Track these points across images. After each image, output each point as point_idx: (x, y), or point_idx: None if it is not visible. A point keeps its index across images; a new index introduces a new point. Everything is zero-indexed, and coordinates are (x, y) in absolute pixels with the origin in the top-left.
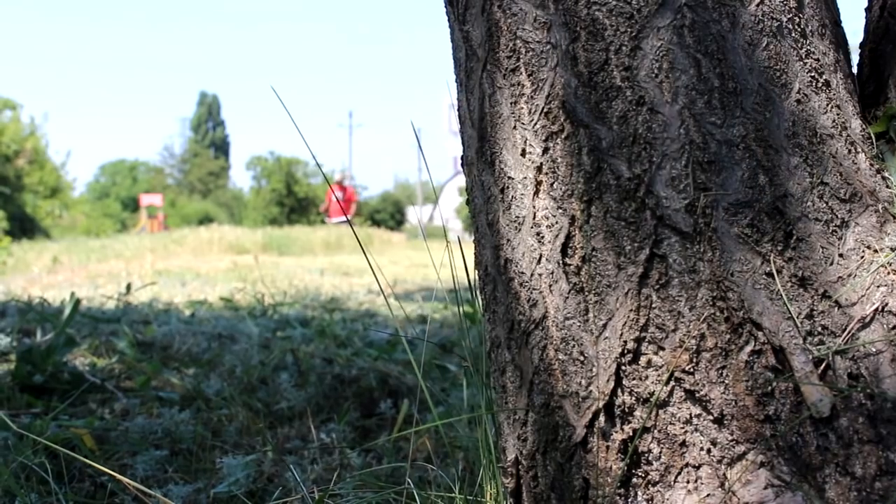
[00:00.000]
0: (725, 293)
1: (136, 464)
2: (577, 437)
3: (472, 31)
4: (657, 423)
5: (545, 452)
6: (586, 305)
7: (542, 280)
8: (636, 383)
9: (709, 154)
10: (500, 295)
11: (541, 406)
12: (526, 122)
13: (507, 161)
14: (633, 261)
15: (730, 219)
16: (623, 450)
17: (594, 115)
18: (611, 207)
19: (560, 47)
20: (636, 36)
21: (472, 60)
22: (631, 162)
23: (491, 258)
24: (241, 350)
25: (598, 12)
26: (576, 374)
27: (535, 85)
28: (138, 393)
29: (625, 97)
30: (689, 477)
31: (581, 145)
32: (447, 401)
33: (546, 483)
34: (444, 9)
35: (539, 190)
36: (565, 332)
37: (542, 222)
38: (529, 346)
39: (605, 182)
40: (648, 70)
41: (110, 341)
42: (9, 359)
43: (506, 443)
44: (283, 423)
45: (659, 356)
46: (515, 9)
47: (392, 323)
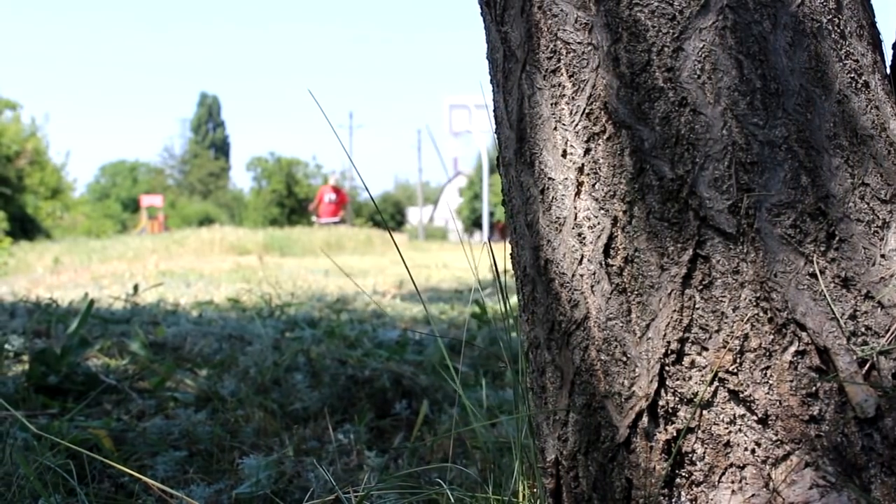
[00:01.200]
0: (769, 294)
1: (156, 465)
2: (619, 438)
3: (511, 33)
4: (701, 424)
5: (587, 453)
6: (629, 306)
7: (584, 281)
8: (680, 384)
9: (751, 155)
10: (539, 296)
11: (582, 406)
12: (567, 123)
13: (548, 162)
14: (676, 261)
15: (773, 220)
16: (666, 450)
17: (636, 116)
18: (654, 208)
19: (601, 48)
20: (678, 37)
21: (510, 62)
22: (674, 163)
23: (530, 259)
24: (255, 351)
25: (640, 13)
26: (618, 374)
27: (576, 86)
28: (153, 394)
29: (667, 98)
30: (733, 477)
31: (623, 146)
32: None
33: (587, 483)
34: (480, 10)
35: (580, 191)
36: (607, 332)
37: (584, 223)
38: (570, 346)
39: (648, 183)
40: (691, 71)
41: (122, 342)
42: (22, 359)
43: (545, 443)
44: (298, 423)
45: (702, 357)
46: (556, 10)
47: (399, 323)
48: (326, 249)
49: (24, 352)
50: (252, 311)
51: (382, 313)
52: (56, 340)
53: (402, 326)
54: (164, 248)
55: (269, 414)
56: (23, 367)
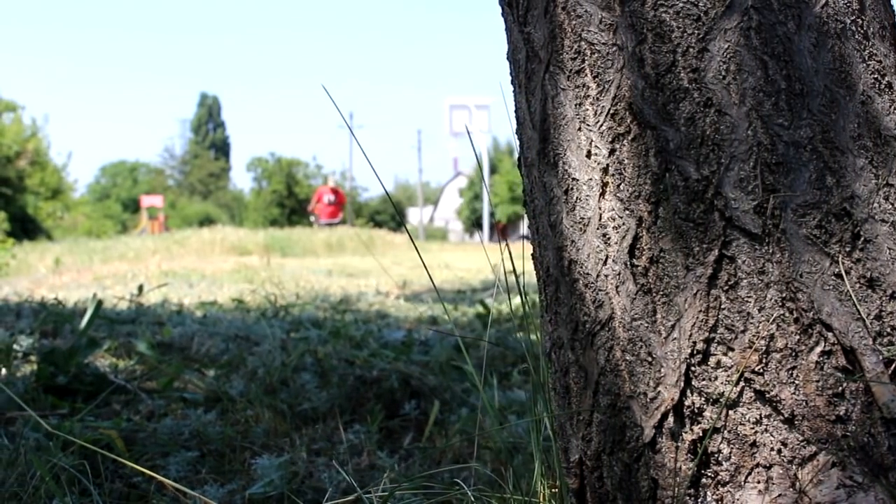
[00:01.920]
0: (795, 294)
1: (168, 465)
2: (645, 438)
3: (534, 34)
4: (727, 424)
5: (611, 453)
6: (654, 306)
7: (609, 281)
8: (706, 384)
9: (776, 155)
10: (563, 296)
11: (607, 407)
12: (591, 123)
13: (572, 162)
14: (701, 262)
15: (798, 220)
16: (693, 450)
17: (661, 117)
18: (679, 209)
19: (626, 49)
20: (703, 38)
21: (533, 62)
22: (699, 163)
23: (553, 259)
24: (263, 351)
25: (665, 14)
26: (643, 374)
27: (600, 87)
28: (161, 394)
29: (692, 99)
30: (759, 477)
31: (648, 147)
32: (467, 401)
33: (612, 483)
34: (501, 11)
35: (605, 191)
36: (632, 332)
37: (609, 223)
38: (595, 346)
39: (673, 183)
40: (716, 72)
41: (129, 342)
42: (30, 360)
43: (568, 443)
44: (307, 424)
45: (728, 357)
46: (580, 11)
47: (403, 324)
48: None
49: (33, 352)
50: (256, 311)
51: (386, 313)
52: (64, 341)
53: (406, 327)
54: (166, 248)
55: (279, 414)
56: (31, 368)
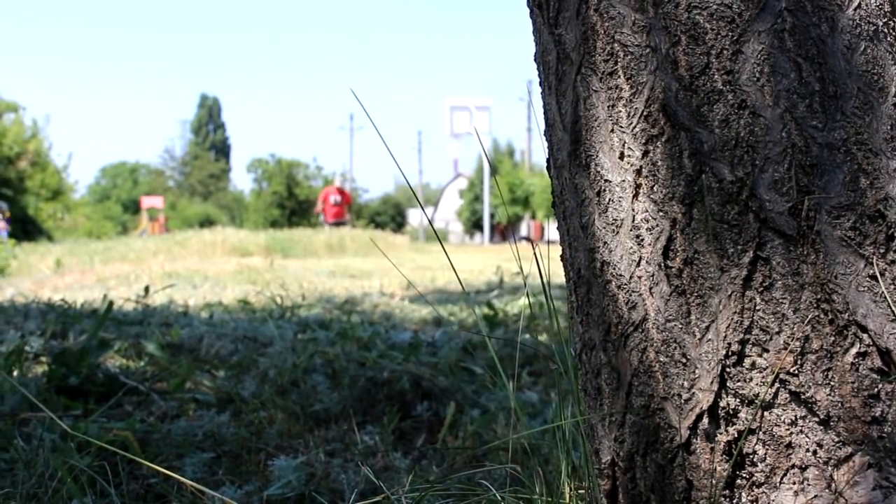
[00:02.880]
0: (830, 296)
1: (184, 466)
2: (679, 439)
3: (566, 35)
4: (762, 425)
5: (645, 454)
6: (688, 308)
7: (642, 282)
8: (741, 385)
9: (811, 157)
10: (594, 297)
11: (640, 408)
12: (624, 125)
13: (604, 164)
14: (736, 263)
15: (832, 222)
16: (728, 451)
17: (695, 119)
18: (713, 210)
19: (660, 51)
20: (737, 40)
21: (564, 64)
22: (733, 165)
23: (585, 261)
24: (274, 352)
25: (698, 16)
26: (677, 376)
27: (633, 88)
28: (173, 395)
29: (726, 101)
30: (795, 478)
31: (682, 148)
32: (478, 402)
33: (645, 484)
34: (529, 12)
35: (638, 193)
36: (666, 334)
37: (642, 225)
38: (628, 348)
39: (708, 185)
40: (750, 74)
41: (139, 343)
42: (40, 361)
43: (599, 444)
44: (320, 425)
45: (763, 358)
46: (613, 12)
47: (408, 325)
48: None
49: (43, 353)
50: (262, 312)
51: (391, 315)
52: (74, 342)
53: (412, 328)
54: (167, 249)
55: (291, 415)
56: (42, 369)
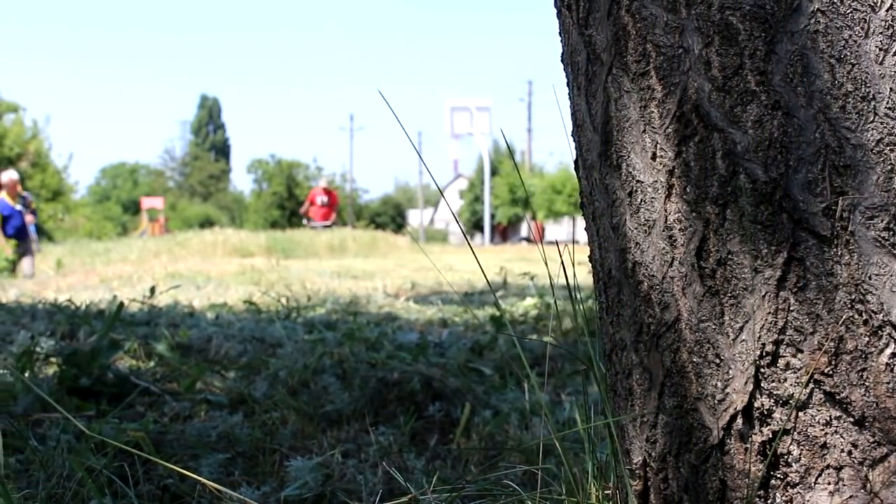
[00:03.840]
0: (864, 296)
1: (200, 467)
2: (713, 440)
3: (596, 36)
4: (797, 425)
5: (678, 455)
6: (722, 308)
7: (675, 283)
8: (775, 385)
9: (844, 158)
10: (626, 298)
11: (673, 408)
12: (657, 125)
13: (636, 165)
14: (770, 264)
15: (866, 222)
16: (762, 452)
17: (729, 119)
18: (746, 211)
19: (692, 51)
20: (770, 40)
21: (594, 64)
22: (767, 165)
23: (616, 261)
24: (286, 353)
25: (731, 17)
26: (711, 376)
27: (666, 89)
28: (184, 396)
29: (760, 101)
30: (830, 479)
31: (715, 149)
32: (489, 403)
33: (678, 485)
34: (556, 13)
35: (671, 193)
36: (699, 334)
37: (675, 225)
38: (660, 348)
39: (741, 186)
40: (783, 74)
41: (148, 344)
42: (50, 361)
43: (631, 445)
44: (332, 426)
45: (797, 359)
46: (645, 13)
47: (414, 326)
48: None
49: (54, 354)
50: (268, 313)
51: (397, 316)
52: (84, 343)
53: (418, 329)
54: (168, 250)
55: (303, 416)
56: (52, 370)
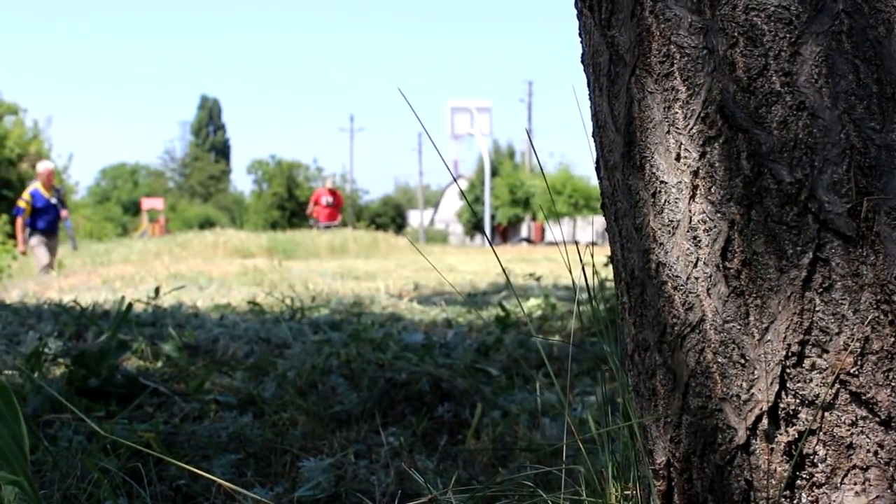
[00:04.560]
0: (890, 296)
1: (213, 467)
2: (738, 440)
3: (619, 37)
4: (823, 426)
5: (702, 455)
6: (747, 309)
7: (699, 283)
8: (800, 386)
9: (869, 159)
10: (649, 299)
11: (697, 409)
12: (681, 126)
13: (660, 165)
14: (795, 264)
15: (892, 223)
16: (788, 452)
17: (754, 120)
18: (771, 211)
19: (717, 52)
20: (795, 42)
21: (617, 65)
22: (792, 166)
23: (639, 262)
24: (293, 354)
25: (756, 18)
26: (736, 377)
27: (690, 90)
28: (193, 397)
29: (784, 102)
30: (856, 479)
31: (740, 150)
32: (497, 403)
33: (703, 485)
34: (577, 14)
35: (695, 194)
36: (724, 335)
37: (699, 226)
38: (684, 349)
39: (766, 186)
40: (808, 75)
41: (155, 345)
42: (58, 362)
43: (654, 445)
44: (341, 426)
45: (823, 359)
46: (669, 14)
47: (418, 326)
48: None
49: (62, 355)
50: (272, 314)
51: (401, 316)
52: (91, 343)
53: (422, 329)
54: (168, 250)
55: (313, 417)
56: (60, 370)
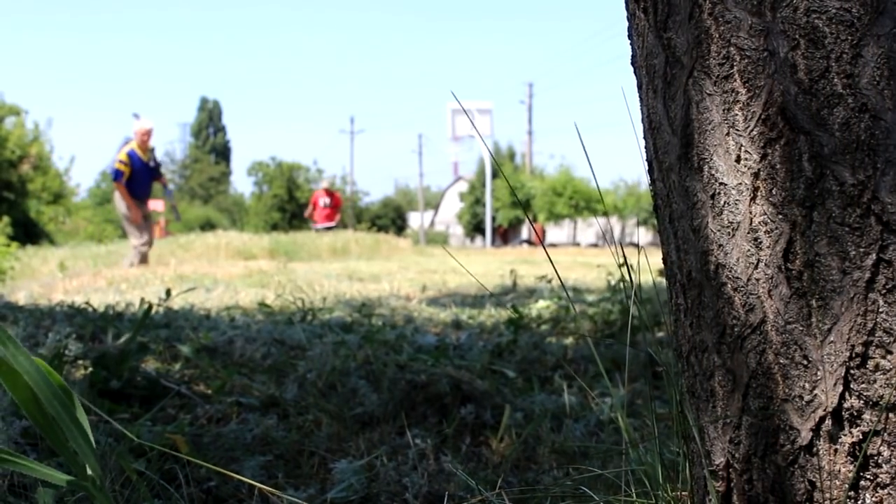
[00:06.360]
0: None
1: (243, 469)
2: (801, 441)
3: (676, 39)
4: (887, 426)
5: (763, 456)
6: (809, 310)
7: (760, 285)
8: (864, 387)
9: None
10: (707, 300)
11: (758, 410)
12: (741, 128)
13: (719, 167)
14: (858, 266)
15: None
16: (851, 453)
17: (815, 122)
18: (833, 213)
19: (778, 55)
20: (857, 44)
21: (674, 67)
22: (854, 168)
23: (697, 263)
24: (314, 355)
25: (817, 20)
26: (798, 378)
27: (751, 92)
28: (215, 399)
29: (846, 104)
30: None
31: (801, 151)
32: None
33: (764, 486)
34: (629, 17)
35: (756, 196)
36: (786, 336)
37: (760, 228)
38: (744, 350)
39: (828, 188)
40: (870, 77)
41: (173, 347)
42: (77, 364)
43: (712, 446)
44: (364, 428)
45: (887, 360)
46: (729, 16)
47: (430, 328)
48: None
49: (82, 356)
50: (282, 315)
51: (412, 318)
52: (112, 345)
53: (435, 331)
54: (171, 252)
55: (336, 418)
56: (81, 372)
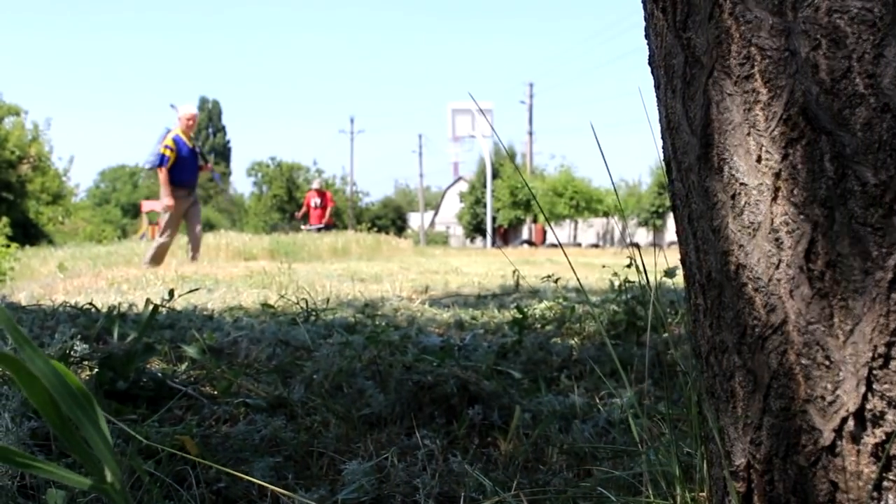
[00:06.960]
0: None
1: (253, 470)
2: (823, 442)
3: (695, 39)
4: None
5: (785, 457)
6: (831, 310)
7: (782, 285)
8: (888, 388)
9: None
10: (727, 300)
11: (780, 410)
12: (762, 128)
13: (739, 167)
14: (881, 266)
15: None
16: (875, 454)
17: (837, 122)
18: (856, 213)
19: (799, 55)
20: (879, 44)
21: (693, 67)
22: (877, 168)
23: (717, 264)
24: (321, 356)
25: (839, 20)
26: (820, 378)
27: (772, 92)
28: (221, 399)
29: (868, 104)
30: None
31: (823, 152)
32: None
33: (785, 487)
34: (647, 16)
35: (777, 196)
36: (808, 336)
37: (781, 228)
38: (766, 350)
39: (850, 188)
40: (892, 77)
41: (178, 347)
42: (83, 365)
43: (732, 447)
44: (372, 429)
45: None
46: (749, 16)
47: (433, 328)
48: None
49: (88, 357)
50: (285, 316)
51: (414, 318)
52: (118, 346)
53: (438, 332)
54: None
55: (343, 419)
56: (87, 373)
